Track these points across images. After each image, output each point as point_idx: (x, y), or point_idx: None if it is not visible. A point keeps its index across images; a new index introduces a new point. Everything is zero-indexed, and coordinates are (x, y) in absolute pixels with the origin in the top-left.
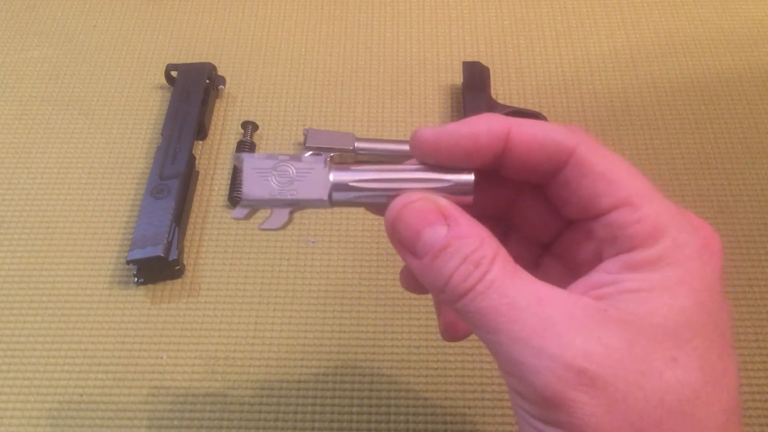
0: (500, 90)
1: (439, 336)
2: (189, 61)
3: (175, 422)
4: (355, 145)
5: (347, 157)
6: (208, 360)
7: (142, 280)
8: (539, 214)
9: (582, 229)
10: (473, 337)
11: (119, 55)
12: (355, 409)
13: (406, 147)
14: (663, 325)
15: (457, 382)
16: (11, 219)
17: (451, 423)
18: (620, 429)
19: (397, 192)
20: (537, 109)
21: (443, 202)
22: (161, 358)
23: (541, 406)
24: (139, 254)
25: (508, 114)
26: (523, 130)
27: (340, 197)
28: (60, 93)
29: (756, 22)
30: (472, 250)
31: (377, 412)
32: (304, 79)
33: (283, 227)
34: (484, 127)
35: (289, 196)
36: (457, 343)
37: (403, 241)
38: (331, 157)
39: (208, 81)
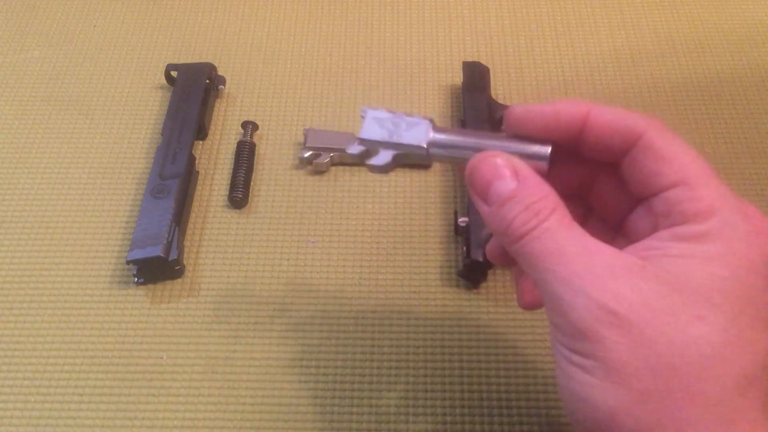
0: (500, 90)
1: (439, 336)
2: (189, 61)
3: (175, 422)
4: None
5: (347, 157)
6: (208, 360)
7: (142, 280)
8: (614, 194)
9: (645, 206)
10: (473, 339)
11: (119, 55)
12: (355, 409)
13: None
14: (697, 288)
15: (458, 383)
16: (11, 219)
17: (451, 423)
18: (639, 368)
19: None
20: None
21: (517, 161)
22: (161, 358)
23: (574, 338)
24: (139, 254)
25: None
26: (601, 112)
27: (436, 149)
28: (60, 93)
29: (756, 22)
30: (533, 201)
31: (377, 412)
32: (304, 79)
33: (386, 169)
34: (566, 107)
35: (395, 140)
36: (458, 345)
37: (477, 189)
38: (433, 122)
39: (208, 81)
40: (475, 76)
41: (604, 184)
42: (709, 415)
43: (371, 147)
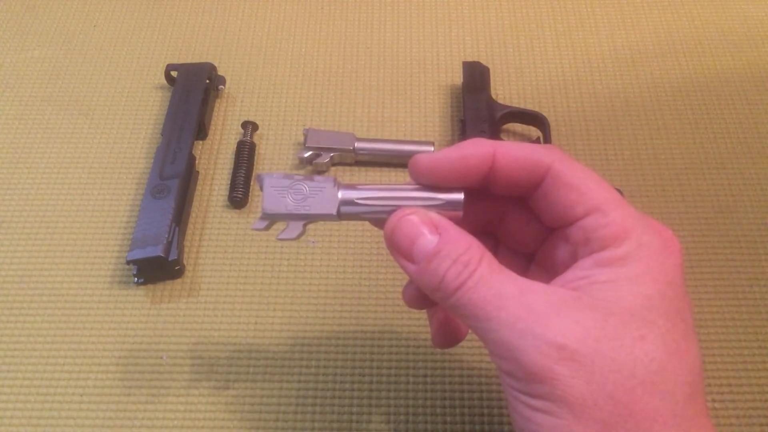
0: (500, 90)
1: None
2: (189, 61)
3: (176, 422)
4: (355, 145)
5: (347, 157)
6: (208, 360)
7: (142, 280)
8: (524, 226)
9: (560, 236)
10: (473, 339)
11: (119, 55)
12: (355, 409)
13: (406, 147)
14: (630, 309)
15: (457, 382)
16: (11, 219)
17: (451, 423)
18: (598, 398)
19: (396, 208)
20: (537, 109)
21: (434, 215)
22: (161, 358)
23: (529, 382)
24: (139, 254)
25: (507, 114)
26: (507, 150)
27: (347, 212)
28: (60, 93)
29: (756, 22)
30: (460, 253)
31: (377, 412)
32: (304, 79)
33: (298, 237)
34: (472, 151)
35: (303, 211)
36: (459, 345)
37: (400, 250)
38: (337, 180)
39: (208, 81)
40: (475, 76)
41: (513, 217)
42: (665, 425)
43: (278, 220)
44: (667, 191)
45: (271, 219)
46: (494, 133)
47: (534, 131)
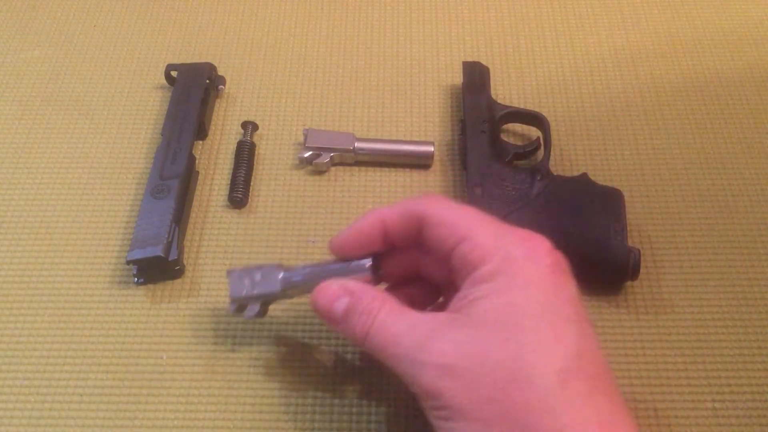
0: (500, 90)
1: None
2: (189, 61)
3: (176, 422)
4: (355, 145)
5: (347, 157)
6: (208, 360)
7: (142, 280)
8: (431, 264)
9: (448, 266)
10: None
11: (119, 55)
12: (354, 410)
13: (406, 147)
14: (496, 319)
15: None
16: (11, 219)
17: None
18: (476, 401)
19: (322, 280)
20: (537, 109)
21: (347, 282)
22: (161, 358)
23: (429, 399)
24: (139, 254)
25: (507, 114)
26: (390, 214)
27: (288, 287)
28: (60, 93)
29: (756, 22)
30: (364, 306)
31: (377, 412)
32: (304, 79)
33: (257, 317)
34: (363, 223)
35: (256, 292)
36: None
37: (323, 315)
38: (283, 265)
39: (208, 81)
40: (475, 76)
41: (423, 260)
42: (538, 413)
43: (241, 302)
44: (667, 191)
45: (236, 302)
46: (494, 133)
47: (534, 131)
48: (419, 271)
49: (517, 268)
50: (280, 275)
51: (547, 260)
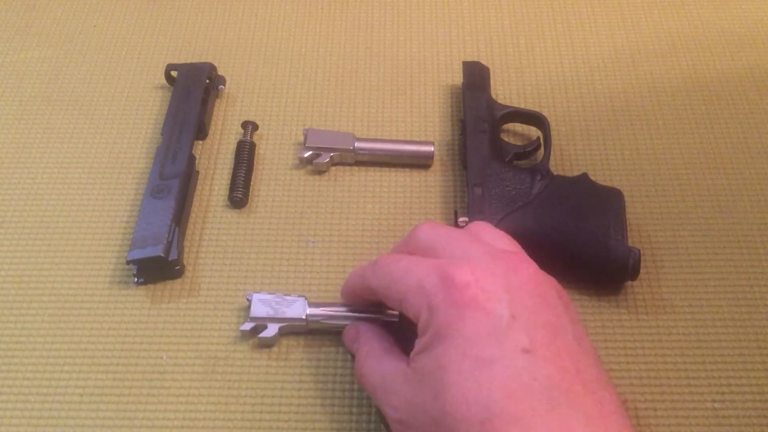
0: (500, 90)
1: None
2: (189, 61)
3: (175, 422)
4: (355, 145)
5: (347, 157)
6: (208, 360)
7: (142, 280)
8: None
9: None
10: None
11: (119, 55)
12: (354, 410)
13: (406, 147)
14: (428, 374)
15: None
16: (11, 219)
17: None
18: None
19: (345, 321)
20: (537, 109)
21: (362, 327)
22: (161, 358)
23: None
24: (139, 254)
25: (507, 114)
26: (352, 292)
27: (312, 319)
28: (60, 93)
29: (756, 22)
30: (364, 351)
31: (377, 412)
32: (304, 79)
33: (274, 341)
34: (349, 299)
35: (281, 315)
36: None
37: (348, 348)
38: (306, 298)
39: (208, 81)
40: (475, 76)
41: None
42: None
43: (261, 323)
44: (667, 191)
45: (256, 321)
46: (494, 133)
47: (534, 131)
48: None
49: (439, 318)
50: (307, 307)
51: (465, 294)
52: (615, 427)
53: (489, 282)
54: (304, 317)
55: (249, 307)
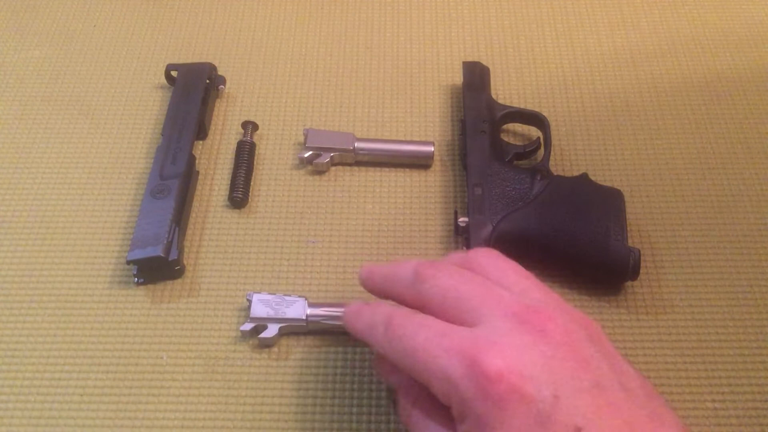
0: (500, 90)
1: None
2: (189, 61)
3: (175, 422)
4: (355, 145)
5: (347, 157)
6: (208, 360)
7: (142, 280)
8: None
9: None
10: None
11: (119, 55)
12: (355, 410)
13: (406, 147)
14: None
15: None
16: (11, 219)
17: None
18: None
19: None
20: (537, 109)
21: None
22: (161, 358)
23: None
24: (139, 254)
25: (507, 114)
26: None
27: (312, 320)
28: (60, 93)
29: (756, 22)
30: (407, 400)
31: (377, 412)
32: (304, 79)
33: (273, 341)
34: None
35: (281, 315)
36: None
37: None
38: (307, 299)
39: (208, 81)
40: (475, 76)
41: None
42: None
43: (261, 323)
44: (667, 191)
45: (256, 322)
46: (494, 133)
47: (534, 131)
48: None
49: (477, 413)
50: (307, 308)
51: (500, 388)
52: None
53: (522, 362)
54: (304, 318)
55: (249, 307)
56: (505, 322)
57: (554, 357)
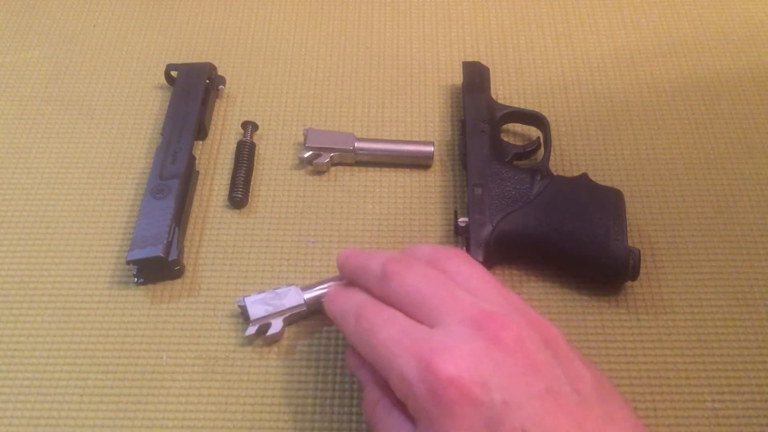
0: (500, 90)
1: None
2: (189, 61)
3: (175, 422)
4: (355, 145)
5: (347, 157)
6: (208, 360)
7: (142, 280)
8: None
9: None
10: None
11: (119, 55)
12: (354, 410)
13: (406, 147)
14: None
15: None
16: (11, 219)
17: None
18: None
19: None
20: (537, 109)
21: (369, 367)
22: (161, 358)
23: None
24: (139, 254)
25: (507, 114)
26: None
27: (312, 304)
28: (60, 93)
29: (756, 22)
30: (367, 392)
31: None
32: (304, 79)
33: (280, 336)
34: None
35: (281, 308)
36: None
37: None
38: (297, 286)
39: (208, 81)
40: (475, 76)
41: None
42: None
43: (263, 322)
44: (667, 191)
45: (258, 322)
46: (494, 133)
47: (534, 131)
48: None
49: (429, 415)
50: (302, 294)
51: (450, 392)
52: None
53: (474, 369)
54: (303, 303)
55: (243, 313)
56: (462, 327)
57: (506, 363)
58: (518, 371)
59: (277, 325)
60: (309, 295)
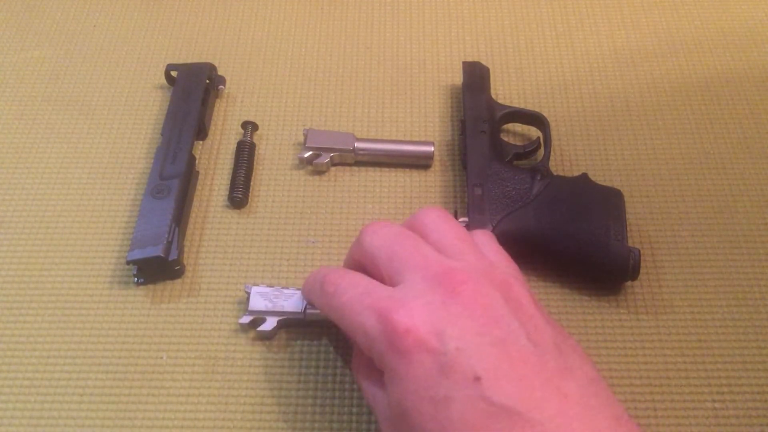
0: (500, 90)
1: None
2: (189, 61)
3: (175, 422)
4: (355, 145)
5: (347, 158)
6: (208, 360)
7: (142, 280)
8: None
9: None
10: None
11: (119, 55)
12: (355, 410)
13: (406, 147)
14: (396, 413)
15: None
16: (11, 219)
17: None
18: None
19: None
20: (537, 109)
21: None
22: (161, 358)
23: None
24: (139, 254)
25: (507, 114)
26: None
27: (310, 312)
28: (60, 93)
29: (756, 22)
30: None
31: None
32: (304, 79)
33: (273, 334)
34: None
35: (279, 309)
36: None
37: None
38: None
39: (208, 81)
40: (475, 76)
41: None
42: None
43: (260, 316)
44: (667, 191)
45: (254, 314)
46: (494, 133)
47: (534, 131)
48: None
49: (389, 364)
50: (305, 301)
51: (407, 341)
52: (584, 412)
53: (429, 320)
54: (301, 311)
55: (248, 299)
56: (422, 283)
57: (461, 315)
58: (474, 323)
59: (270, 323)
60: (311, 311)
